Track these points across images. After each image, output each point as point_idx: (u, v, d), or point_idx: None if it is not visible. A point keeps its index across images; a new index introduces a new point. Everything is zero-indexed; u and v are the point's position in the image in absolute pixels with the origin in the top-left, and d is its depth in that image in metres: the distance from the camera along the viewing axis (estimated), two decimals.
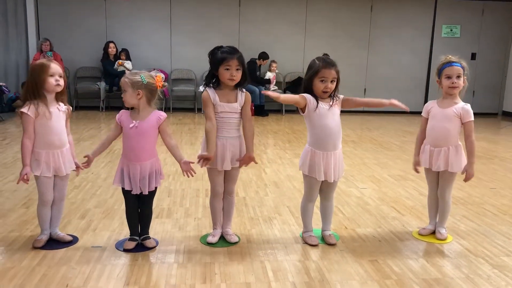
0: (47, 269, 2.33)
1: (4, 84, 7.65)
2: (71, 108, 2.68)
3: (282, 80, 9.40)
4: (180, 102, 9.21)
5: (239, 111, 2.61)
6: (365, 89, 9.69)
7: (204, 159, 2.55)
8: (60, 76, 2.50)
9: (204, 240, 2.75)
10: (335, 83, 2.60)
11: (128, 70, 8.31)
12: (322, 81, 2.57)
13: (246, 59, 10.00)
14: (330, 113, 2.61)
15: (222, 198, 2.74)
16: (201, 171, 4.34)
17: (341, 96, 2.70)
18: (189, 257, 2.52)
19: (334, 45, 9.31)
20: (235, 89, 2.61)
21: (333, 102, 2.63)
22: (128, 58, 8.60)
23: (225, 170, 2.65)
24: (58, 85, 2.49)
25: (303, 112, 2.64)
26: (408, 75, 9.87)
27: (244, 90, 2.64)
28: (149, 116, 2.51)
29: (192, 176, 2.55)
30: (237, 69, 2.52)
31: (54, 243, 2.62)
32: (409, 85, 9.88)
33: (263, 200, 3.58)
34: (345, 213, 3.33)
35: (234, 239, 2.74)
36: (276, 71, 9.15)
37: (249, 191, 3.79)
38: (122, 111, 2.57)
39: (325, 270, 2.41)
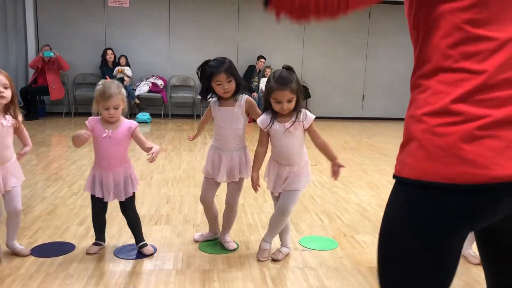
0: (45, 276, 2.32)
1: None
2: (20, 118, 2.45)
3: None
4: (179, 109, 9.21)
5: (239, 115, 2.57)
6: (363, 96, 9.72)
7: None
8: (6, 88, 2.31)
9: (203, 246, 2.74)
10: (293, 102, 2.35)
11: (128, 76, 8.31)
12: (277, 102, 2.36)
13: (245, 65, 9.83)
14: (283, 136, 2.41)
15: (210, 207, 2.75)
16: (201, 178, 4.35)
17: (309, 119, 2.43)
18: (188, 264, 2.51)
19: (332, 52, 9.34)
20: (232, 98, 2.57)
21: (292, 123, 2.39)
22: (127, 64, 8.61)
23: (228, 182, 2.66)
24: (1, 97, 2.30)
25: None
26: (406, 82, 9.64)
27: (244, 94, 2.61)
28: (121, 125, 2.48)
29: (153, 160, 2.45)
30: (228, 81, 2.48)
31: (51, 250, 2.62)
32: (406, 92, 9.66)
33: (262, 207, 3.57)
34: (343, 219, 3.33)
35: (232, 246, 2.74)
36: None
37: (248, 198, 3.78)
38: (92, 118, 2.50)
39: (324, 277, 2.41)
